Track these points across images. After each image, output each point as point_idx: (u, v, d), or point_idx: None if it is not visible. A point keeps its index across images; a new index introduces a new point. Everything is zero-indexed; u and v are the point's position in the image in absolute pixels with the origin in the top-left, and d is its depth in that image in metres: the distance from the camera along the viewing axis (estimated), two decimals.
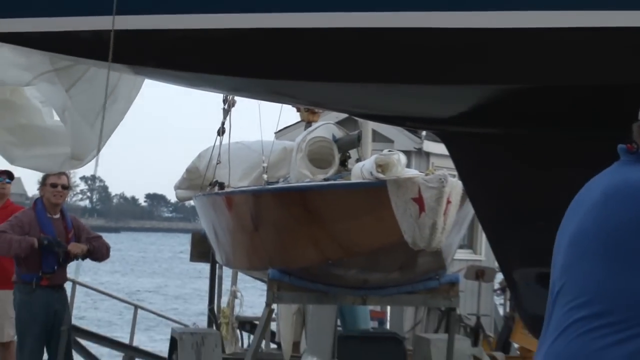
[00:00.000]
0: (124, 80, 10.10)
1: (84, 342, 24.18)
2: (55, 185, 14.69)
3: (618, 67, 7.26)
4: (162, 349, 19.40)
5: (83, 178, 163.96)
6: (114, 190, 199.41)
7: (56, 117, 10.21)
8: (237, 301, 19.70)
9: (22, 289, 14.76)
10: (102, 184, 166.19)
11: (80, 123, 9.92)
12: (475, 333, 19.24)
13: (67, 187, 15.38)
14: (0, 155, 11.94)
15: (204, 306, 20.68)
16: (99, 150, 9.81)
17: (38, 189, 15.06)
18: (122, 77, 10.10)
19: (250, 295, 20.40)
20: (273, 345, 18.13)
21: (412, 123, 12.23)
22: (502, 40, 7.25)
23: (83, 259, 15.06)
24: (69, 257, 14.90)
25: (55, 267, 14.91)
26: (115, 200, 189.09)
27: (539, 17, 7.12)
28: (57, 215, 14.70)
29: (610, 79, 7.28)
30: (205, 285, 20.04)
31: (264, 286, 15.32)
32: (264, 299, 15.15)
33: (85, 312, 25.23)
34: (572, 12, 7.09)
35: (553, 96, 7.57)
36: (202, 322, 20.10)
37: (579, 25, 7.10)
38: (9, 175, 17.55)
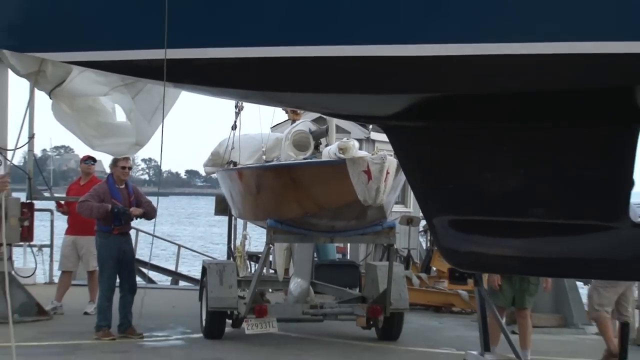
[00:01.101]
0: (169, 90, 10.10)
1: (144, 269, 24.19)
2: (123, 167, 14.65)
3: (493, 82, 7.18)
4: (196, 274, 19.28)
5: (143, 159, 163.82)
6: (164, 167, 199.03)
7: (123, 117, 10.15)
8: (246, 241, 19.67)
9: (101, 235, 14.70)
10: (155, 163, 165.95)
11: (141, 120, 9.90)
12: (407, 261, 19.20)
13: (130, 168, 15.38)
14: (85, 144, 11.90)
15: (223, 245, 20.56)
16: (160, 141, 9.83)
17: (110, 167, 15.04)
18: (167, 90, 10.04)
19: (255, 237, 20.26)
20: (271, 271, 18.10)
21: (362, 119, 12.33)
22: (418, 65, 7.13)
23: (139, 218, 15.04)
24: (131, 218, 14.89)
25: (122, 222, 14.90)
26: (165, 174, 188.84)
27: (442, 49, 6.98)
28: (123, 186, 14.65)
29: (489, 89, 7.22)
30: (224, 231, 19.88)
31: (264, 231, 15.29)
32: (264, 240, 15.15)
33: (143, 250, 25.06)
34: (463, 45, 7.00)
35: (453, 100, 7.51)
36: (223, 255, 20.01)
37: (467, 54, 6.95)
38: (92, 159, 17.47)
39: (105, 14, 7.76)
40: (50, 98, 9.23)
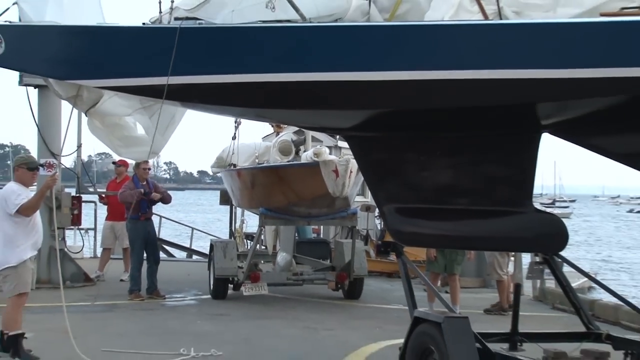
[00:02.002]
0: (178, 111, 10.07)
1: (167, 247, 24.18)
2: (144, 168, 14.75)
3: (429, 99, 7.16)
4: (205, 250, 19.23)
5: (165, 162, 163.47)
6: (181, 168, 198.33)
7: (142, 131, 10.13)
8: (244, 224, 19.63)
9: (131, 221, 14.73)
10: (174, 165, 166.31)
11: (156, 134, 9.87)
12: (366, 238, 19.16)
13: (149, 169, 15.51)
14: (113, 151, 11.93)
15: (226, 227, 20.48)
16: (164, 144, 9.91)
17: (133, 169, 15.15)
18: (177, 109, 10.01)
19: (251, 221, 20.21)
20: (263, 247, 18.02)
21: (329, 131, 12.29)
22: (370, 88, 7.06)
23: (158, 202, 15.08)
24: (152, 202, 14.92)
25: (147, 210, 14.92)
26: (182, 174, 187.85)
27: (389, 75, 6.93)
28: (144, 182, 14.71)
29: (422, 106, 7.18)
30: (226, 217, 19.81)
31: (257, 217, 15.31)
32: (258, 223, 15.19)
33: (164, 231, 24.94)
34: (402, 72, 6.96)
35: (393, 116, 7.50)
36: (225, 235, 19.92)
37: (405, 79, 6.91)
38: (123, 163, 17.53)
39: (129, 51, 7.75)
40: (86, 116, 9.20)
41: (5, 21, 8.09)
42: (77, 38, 8.12)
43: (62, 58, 8.14)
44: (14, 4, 8.13)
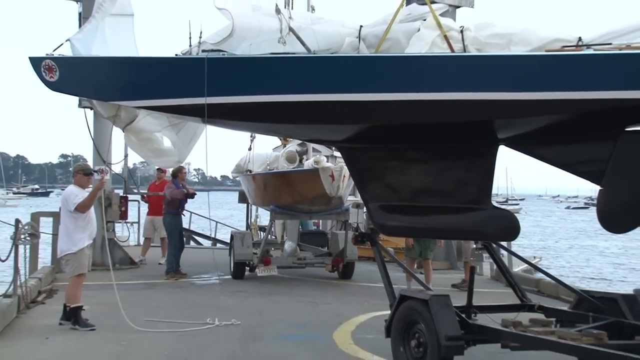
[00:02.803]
0: (199, 127, 10.00)
1: (196, 237, 24.19)
2: (184, 173, 15.02)
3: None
4: (227, 239, 19.20)
5: (195, 169, 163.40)
6: (207, 173, 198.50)
7: (169, 144, 10.08)
8: (257, 219, 19.58)
9: (170, 216, 14.78)
10: (202, 171, 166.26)
11: (181, 147, 9.82)
12: (356, 230, 19.10)
13: (185, 173, 15.65)
14: (146, 160, 11.96)
15: (243, 221, 20.45)
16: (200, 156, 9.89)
17: (172, 174, 15.29)
18: (198, 126, 9.93)
19: (263, 216, 20.17)
20: (272, 237, 17.95)
21: (326, 143, 12.25)
22: (353, 109, 7.09)
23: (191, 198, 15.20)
24: (192, 197, 15.13)
25: (184, 207, 14.98)
26: (208, 178, 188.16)
27: (373, 96, 6.97)
28: (181, 185, 14.75)
29: (398, 122, 7.19)
30: (244, 213, 19.78)
31: (268, 213, 15.29)
32: (269, 218, 15.18)
33: (193, 224, 24.90)
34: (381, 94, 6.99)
35: (374, 131, 7.49)
36: (242, 227, 19.87)
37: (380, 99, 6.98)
38: (163, 170, 17.53)
39: (163, 77, 7.71)
40: (123, 132, 9.14)
41: (60, 54, 8.05)
42: (119, 67, 8.09)
43: (106, 83, 8.09)
44: (66, 40, 8.10)
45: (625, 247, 44.52)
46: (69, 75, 7.84)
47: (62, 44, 8.02)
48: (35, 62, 7.76)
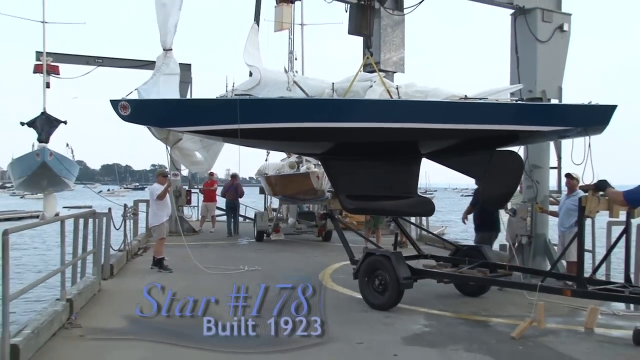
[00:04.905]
0: (221, 146, 9.43)
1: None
2: (234, 176, 15.54)
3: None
4: (252, 216, 19.08)
5: (232, 173, 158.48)
6: (241, 175, 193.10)
7: (201, 157, 9.65)
8: (271, 204, 19.41)
9: (227, 201, 14.85)
10: (235, 172, 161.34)
11: (209, 159, 9.50)
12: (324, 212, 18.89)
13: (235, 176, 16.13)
14: (187, 168, 11.69)
15: (262, 205, 20.28)
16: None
17: (230, 176, 15.75)
18: (221, 145, 9.32)
19: (275, 203, 20.04)
20: (280, 215, 17.75)
21: (311, 155, 11.82)
22: (328, 132, 7.00)
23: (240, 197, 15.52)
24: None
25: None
26: (240, 178, 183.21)
27: (340, 124, 6.91)
28: (235, 183, 14.93)
29: (358, 140, 7.08)
30: (262, 200, 19.61)
31: (277, 200, 15.24)
32: (278, 203, 15.07)
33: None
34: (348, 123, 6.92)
35: (342, 147, 7.34)
36: (261, 209, 19.68)
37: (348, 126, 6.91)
38: (212, 173, 17.39)
39: (207, 111, 7.36)
40: (170, 149, 8.61)
41: (130, 99, 7.49)
42: (171, 105, 7.62)
43: (162, 115, 7.56)
44: (135, 89, 7.62)
45: None
46: (137, 111, 7.37)
47: (131, 92, 7.59)
48: (114, 103, 7.31)
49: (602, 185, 5.79)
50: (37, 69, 20.36)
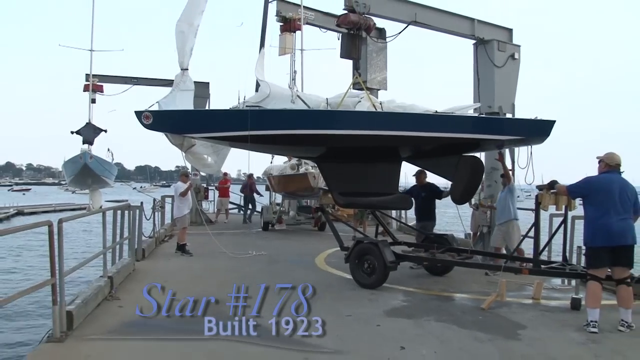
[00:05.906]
0: (227, 151, 9.15)
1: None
2: (250, 176, 14.92)
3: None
4: (259, 209, 18.98)
5: (244, 172, 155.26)
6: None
7: (211, 160, 9.46)
8: (275, 199, 19.31)
9: (244, 196, 14.80)
10: (245, 172, 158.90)
11: (218, 162, 9.32)
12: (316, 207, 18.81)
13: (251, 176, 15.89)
14: (200, 170, 11.50)
15: (267, 200, 20.16)
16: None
17: (246, 177, 15.41)
18: (228, 150, 9.06)
19: (278, 198, 19.93)
20: (282, 209, 17.67)
21: (308, 158, 11.69)
22: (323, 138, 6.90)
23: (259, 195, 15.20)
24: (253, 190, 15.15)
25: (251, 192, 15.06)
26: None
27: (332, 132, 6.81)
28: (251, 182, 14.77)
29: (346, 146, 6.99)
30: (267, 196, 19.49)
31: (280, 196, 15.17)
32: (282, 199, 14.98)
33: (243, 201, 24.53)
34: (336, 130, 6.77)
35: (333, 151, 7.26)
36: (267, 203, 19.56)
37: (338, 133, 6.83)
38: (225, 173, 17.25)
39: (220, 120, 7.16)
40: (185, 153, 8.40)
41: (153, 110, 7.32)
42: (188, 115, 7.41)
43: (180, 125, 7.33)
44: (156, 102, 7.50)
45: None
46: (158, 120, 7.13)
47: (152, 105, 7.44)
48: (138, 113, 7.07)
49: (553, 183, 5.90)
50: (86, 88, 20.96)
